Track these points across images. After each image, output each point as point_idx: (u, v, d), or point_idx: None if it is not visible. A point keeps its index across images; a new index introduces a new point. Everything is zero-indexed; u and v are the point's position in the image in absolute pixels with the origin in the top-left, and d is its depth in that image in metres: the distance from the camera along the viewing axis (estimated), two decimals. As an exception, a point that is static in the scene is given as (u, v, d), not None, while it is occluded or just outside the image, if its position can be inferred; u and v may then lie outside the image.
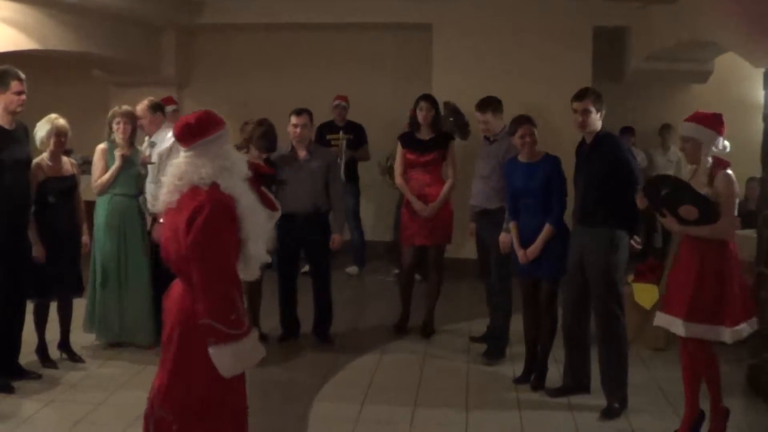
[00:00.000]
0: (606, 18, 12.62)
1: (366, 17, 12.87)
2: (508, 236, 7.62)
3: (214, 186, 4.38)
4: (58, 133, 7.55)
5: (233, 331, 4.29)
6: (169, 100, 11.71)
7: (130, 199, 8.31)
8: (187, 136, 4.46)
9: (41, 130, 7.54)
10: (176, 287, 4.57)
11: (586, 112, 6.74)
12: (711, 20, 9.38)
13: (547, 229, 7.24)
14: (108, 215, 8.18)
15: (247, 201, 4.47)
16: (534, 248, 7.28)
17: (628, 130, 13.43)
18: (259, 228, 4.55)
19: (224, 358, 4.32)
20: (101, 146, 8.28)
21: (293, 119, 8.62)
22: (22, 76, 7.02)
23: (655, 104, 14.24)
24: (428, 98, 8.91)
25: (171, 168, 4.51)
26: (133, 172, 8.29)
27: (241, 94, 13.53)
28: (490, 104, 8.35)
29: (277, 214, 5.00)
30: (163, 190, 4.50)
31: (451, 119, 11.03)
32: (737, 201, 6.09)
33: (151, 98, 8.68)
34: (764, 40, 7.62)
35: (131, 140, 8.28)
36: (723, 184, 5.96)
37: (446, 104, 11.05)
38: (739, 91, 13.41)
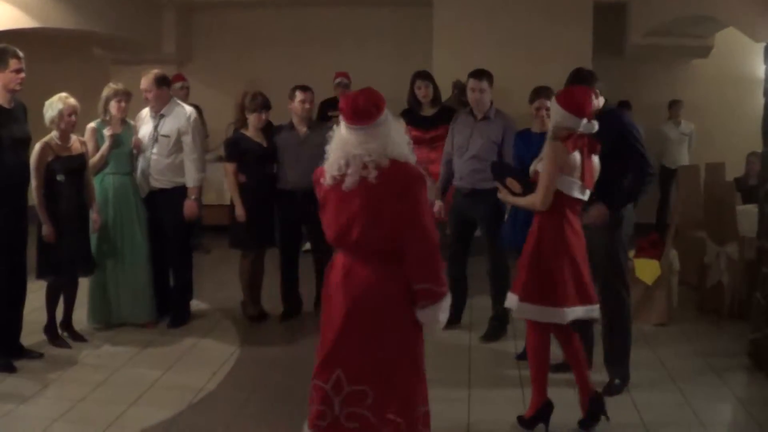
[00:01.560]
0: (606, -7, 12.62)
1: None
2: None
3: (395, 160, 4.56)
4: (70, 112, 7.53)
5: (444, 288, 4.67)
6: (179, 77, 11.72)
7: (124, 176, 8.29)
8: (375, 112, 4.57)
9: (52, 109, 7.49)
10: (361, 271, 4.67)
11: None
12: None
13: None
14: (103, 194, 8.16)
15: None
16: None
17: (624, 104, 13.41)
18: None
19: (437, 315, 4.68)
20: (91, 125, 8.22)
21: (299, 95, 8.53)
22: (21, 54, 6.99)
23: (657, 80, 14.23)
24: (423, 75, 8.79)
25: (355, 145, 4.55)
26: (125, 150, 8.27)
27: (242, 70, 13.53)
28: (484, 73, 8.09)
29: None
30: (350, 169, 4.55)
31: (462, 99, 10.96)
32: (575, 177, 5.89)
33: (157, 71, 8.50)
34: (764, 15, 7.59)
35: (123, 118, 8.26)
36: (546, 156, 5.94)
37: (455, 84, 11.02)
38: (739, 66, 13.44)
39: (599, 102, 6.68)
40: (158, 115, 8.41)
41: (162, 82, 8.38)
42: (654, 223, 12.93)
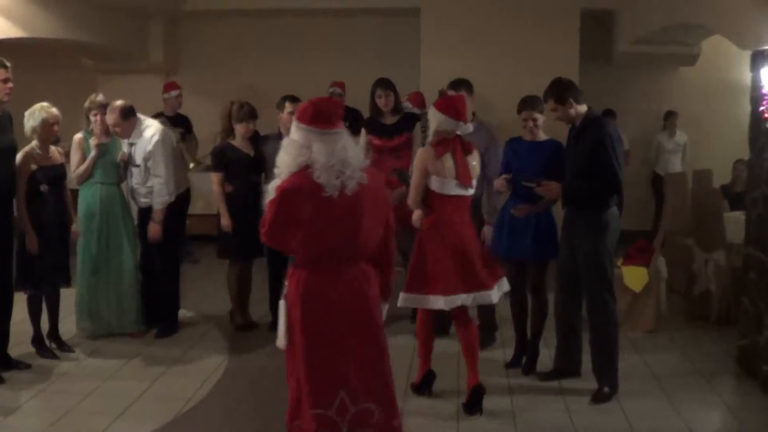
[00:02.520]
0: (593, 1, 12.65)
1: (354, 2, 12.91)
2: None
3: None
4: (52, 122, 7.51)
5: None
6: (173, 86, 11.71)
7: (111, 186, 8.28)
8: (341, 116, 4.86)
9: (33, 118, 7.47)
10: (348, 277, 4.82)
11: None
12: (698, 3, 9.38)
13: (544, 201, 7.16)
14: (90, 204, 8.15)
15: None
16: (525, 207, 7.15)
17: (609, 113, 13.47)
18: None
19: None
20: (78, 136, 8.21)
21: (288, 106, 8.49)
22: (8, 64, 6.97)
23: (644, 87, 14.27)
24: (383, 83, 8.69)
25: (351, 152, 4.77)
26: (112, 160, 8.25)
27: (229, 80, 13.51)
28: (463, 83, 8.06)
29: None
30: (349, 175, 4.70)
31: None
32: (441, 178, 6.50)
33: (119, 103, 8.16)
34: (751, 23, 7.62)
35: (107, 129, 8.20)
36: (415, 162, 6.68)
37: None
38: (726, 74, 13.49)
39: (581, 109, 6.75)
40: (129, 144, 8.30)
41: (128, 113, 8.16)
42: (651, 230, 12.95)
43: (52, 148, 7.69)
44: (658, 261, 8.89)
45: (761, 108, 7.14)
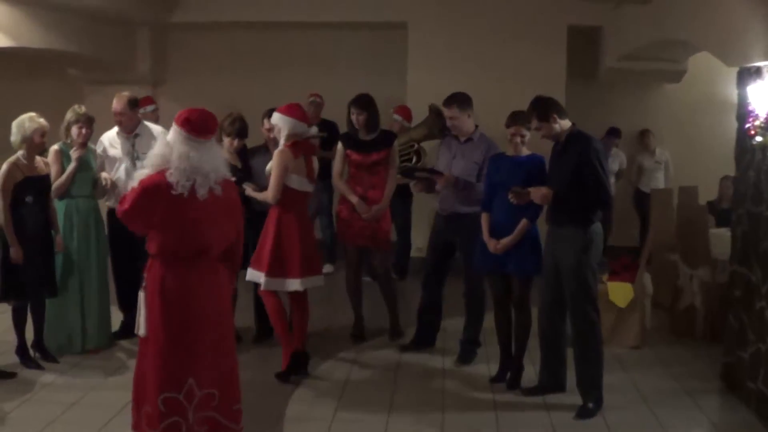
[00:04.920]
0: (580, 17, 12.67)
1: (342, 15, 12.87)
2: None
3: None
4: (42, 133, 7.49)
5: None
6: (148, 100, 11.68)
7: (88, 200, 8.23)
8: (215, 130, 5.48)
9: (22, 129, 7.45)
10: (208, 275, 5.30)
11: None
12: (684, 20, 9.41)
13: (523, 223, 7.20)
14: (67, 218, 8.08)
15: None
16: (508, 240, 7.24)
17: (614, 132, 13.54)
18: None
19: None
20: (54, 148, 8.08)
21: (266, 123, 8.57)
22: None
23: (630, 103, 14.29)
24: (357, 102, 8.66)
25: (208, 159, 5.24)
26: (89, 173, 8.21)
27: (217, 92, 13.46)
28: (454, 99, 8.07)
29: None
30: (200, 182, 5.18)
31: (440, 121, 10.88)
32: (295, 176, 7.48)
33: (128, 93, 8.60)
34: (737, 40, 7.65)
35: (85, 143, 8.17)
36: (274, 162, 7.46)
37: (430, 107, 11.01)
38: (712, 91, 13.51)
39: (565, 124, 6.78)
40: (132, 135, 8.49)
41: (135, 104, 8.58)
42: (637, 246, 12.97)
43: (38, 158, 7.66)
44: (644, 277, 8.90)
45: (747, 125, 7.16)
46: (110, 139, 8.63)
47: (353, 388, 7.46)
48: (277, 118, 7.56)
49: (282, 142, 7.51)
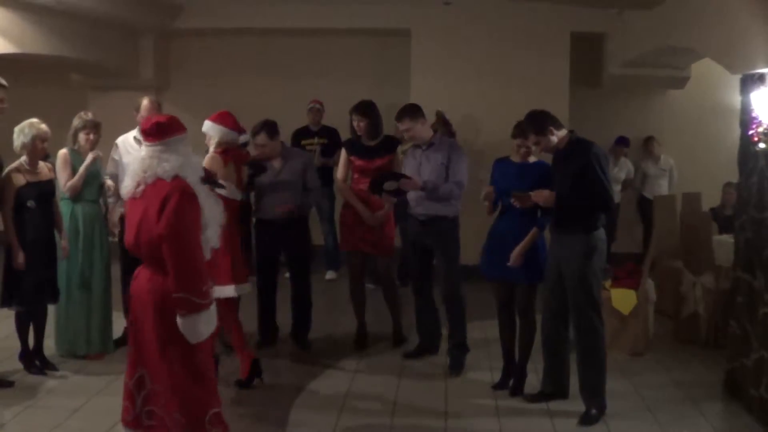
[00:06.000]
0: (583, 24, 12.66)
1: (344, 22, 12.86)
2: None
3: (177, 178, 5.02)
4: (43, 138, 7.50)
5: (204, 301, 4.95)
6: None
7: (93, 204, 8.25)
8: (157, 132, 5.13)
9: (24, 134, 7.46)
10: (143, 273, 5.16)
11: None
12: (687, 26, 9.41)
13: (534, 232, 7.19)
14: (72, 223, 8.09)
15: (202, 192, 5.17)
16: (518, 249, 7.20)
17: (622, 141, 13.52)
18: (213, 216, 5.21)
19: (197, 326, 4.97)
20: (63, 152, 8.10)
21: (257, 138, 8.43)
22: (5, 83, 6.95)
23: (633, 110, 14.26)
24: (358, 109, 8.67)
25: (136, 161, 5.16)
26: (96, 179, 8.23)
27: (220, 98, 13.41)
28: (404, 112, 8.18)
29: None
30: (126, 182, 5.14)
31: (447, 128, 10.89)
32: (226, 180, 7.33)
33: (152, 98, 8.79)
34: (740, 46, 7.65)
35: (93, 149, 8.17)
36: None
37: (437, 114, 11.02)
38: (716, 97, 13.51)
39: (561, 134, 6.81)
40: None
41: (158, 108, 8.65)
42: (640, 252, 12.95)
43: (42, 164, 7.66)
44: (647, 283, 8.89)
45: (751, 131, 7.15)
46: (127, 144, 8.66)
47: (356, 394, 7.45)
48: (208, 126, 7.66)
49: (211, 149, 7.64)
